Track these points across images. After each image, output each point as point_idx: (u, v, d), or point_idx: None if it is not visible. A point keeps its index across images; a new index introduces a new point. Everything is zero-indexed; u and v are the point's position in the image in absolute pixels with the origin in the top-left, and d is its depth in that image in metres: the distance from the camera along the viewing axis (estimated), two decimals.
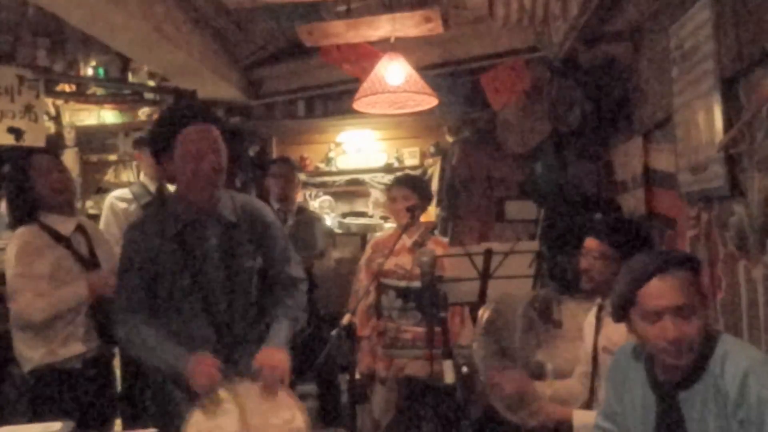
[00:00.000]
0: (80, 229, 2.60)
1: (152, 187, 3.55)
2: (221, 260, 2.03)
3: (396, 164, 5.41)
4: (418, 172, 5.22)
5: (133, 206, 3.45)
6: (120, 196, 3.55)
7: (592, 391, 2.16)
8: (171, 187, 2.50)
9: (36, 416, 2.44)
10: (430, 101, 3.50)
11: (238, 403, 1.84)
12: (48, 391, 2.45)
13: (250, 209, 2.12)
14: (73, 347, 2.48)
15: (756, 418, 1.43)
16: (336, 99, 4.76)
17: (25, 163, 2.55)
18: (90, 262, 2.57)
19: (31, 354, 2.46)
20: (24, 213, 2.51)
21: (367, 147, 5.49)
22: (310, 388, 3.87)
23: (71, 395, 2.47)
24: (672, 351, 1.51)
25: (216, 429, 1.80)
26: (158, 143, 2.00)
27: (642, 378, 1.67)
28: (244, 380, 1.90)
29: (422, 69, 3.66)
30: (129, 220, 3.13)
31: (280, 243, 2.18)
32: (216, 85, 4.30)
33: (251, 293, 2.10)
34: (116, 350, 2.75)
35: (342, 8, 3.58)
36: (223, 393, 1.85)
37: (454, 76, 4.34)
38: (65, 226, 2.54)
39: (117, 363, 2.95)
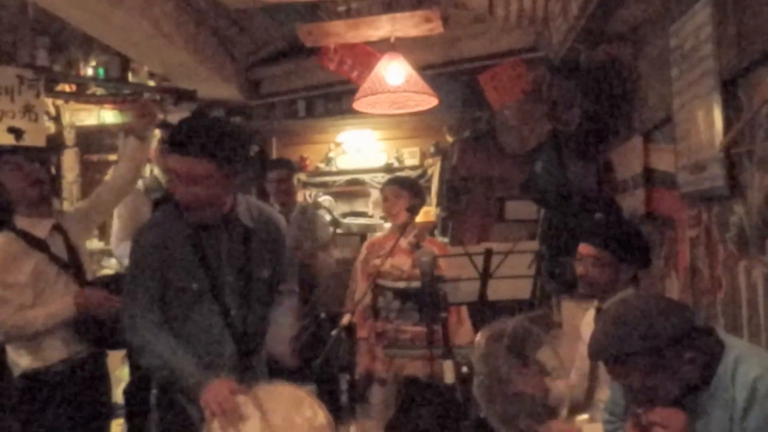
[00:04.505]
0: (57, 228, 2.54)
1: (164, 181, 3.41)
2: (237, 265, 2.00)
3: (396, 164, 5.41)
4: (418, 172, 5.23)
5: (141, 198, 3.28)
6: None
7: (591, 393, 2.16)
8: None
9: (26, 420, 2.43)
10: (430, 101, 3.50)
11: (258, 406, 1.82)
12: (38, 394, 2.43)
13: (266, 218, 2.11)
14: (58, 351, 2.46)
15: (762, 427, 1.41)
16: (336, 99, 4.76)
17: None
18: (68, 264, 2.52)
19: (18, 359, 2.45)
20: None
21: (367, 147, 5.49)
22: (310, 388, 3.87)
23: (61, 398, 2.45)
24: None
25: None
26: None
27: None
28: (262, 384, 1.90)
29: (422, 69, 3.66)
30: (139, 213, 3.08)
31: (287, 256, 2.18)
32: (216, 86, 4.30)
33: (266, 301, 2.09)
34: (108, 352, 2.72)
35: (342, 8, 3.58)
36: (242, 398, 1.83)
37: (454, 76, 4.33)
38: (41, 228, 2.49)
39: (117, 363, 2.94)
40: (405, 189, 3.23)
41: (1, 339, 2.45)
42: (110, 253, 3.26)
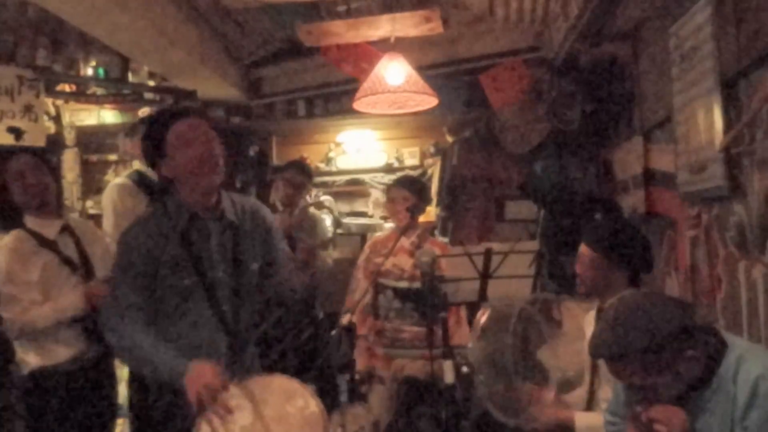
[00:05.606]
0: (67, 230, 2.55)
1: (150, 174, 3.34)
2: (226, 261, 2.00)
3: (396, 164, 5.41)
4: (418, 172, 5.22)
5: (141, 195, 3.12)
6: (122, 184, 3.39)
7: (592, 393, 2.16)
8: None
9: (32, 418, 2.43)
10: (430, 101, 3.50)
11: (250, 397, 1.82)
12: (45, 392, 2.44)
13: (252, 211, 2.11)
14: (67, 350, 2.47)
15: (763, 427, 1.41)
16: (336, 99, 4.76)
17: (1, 167, 2.50)
18: (78, 265, 2.52)
19: (27, 358, 2.46)
20: (8, 217, 2.49)
21: (367, 147, 5.49)
22: (310, 388, 3.86)
23: (68, 397, 2.46)
24: None
25: (230, 423, 1.77)
26: (151, 143, 1.96)
27: None
28: (253, 377, 1.90)
29: (422, 69, 3.66)
30: (136, 210, 3.03)
31: (281, 247, 2.17)
32: (216, 85, 4.29)
33: (256, 295, 2.09)
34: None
35: (342, 8, 3.58)
36: (233, 389, 1.83)
37: (454, 76, 4.33)
38: (50, 228, 2.50)
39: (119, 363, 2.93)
40: (411, 192, 3.22)
41: (12, 336, 2.44)
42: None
